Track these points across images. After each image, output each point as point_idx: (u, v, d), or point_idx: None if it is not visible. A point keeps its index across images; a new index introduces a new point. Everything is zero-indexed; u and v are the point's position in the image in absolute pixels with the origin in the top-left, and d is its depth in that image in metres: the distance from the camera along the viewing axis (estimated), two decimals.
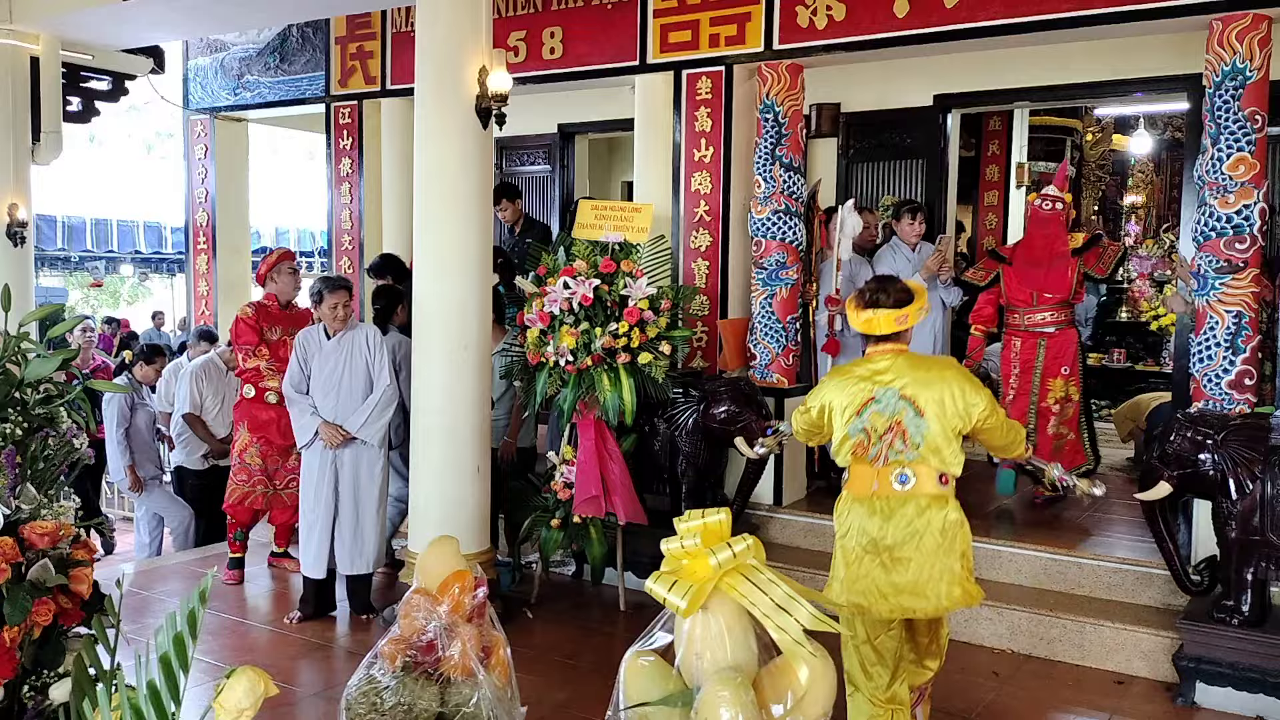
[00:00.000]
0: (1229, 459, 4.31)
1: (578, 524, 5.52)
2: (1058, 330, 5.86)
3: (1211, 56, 4.79)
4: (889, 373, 3.43)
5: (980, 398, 3.39)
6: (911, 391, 3.37)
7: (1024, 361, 5.90)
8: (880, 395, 3.40)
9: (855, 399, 3.44)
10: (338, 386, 5.27)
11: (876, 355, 3.49)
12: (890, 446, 3.36)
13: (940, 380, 3.38)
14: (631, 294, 5.34)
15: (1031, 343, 5.89)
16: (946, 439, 3.36)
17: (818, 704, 1.93)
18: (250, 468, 5.97)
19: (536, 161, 9.25)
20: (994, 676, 4.69)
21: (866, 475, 3.42)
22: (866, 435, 3.41)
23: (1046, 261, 5.86)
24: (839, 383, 3.53)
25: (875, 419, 3.39)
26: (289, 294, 6.09)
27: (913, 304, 3.43)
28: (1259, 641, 4.25)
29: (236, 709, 1.50)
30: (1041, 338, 5.87)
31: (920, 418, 3.35)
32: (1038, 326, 5.88)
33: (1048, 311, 5.85)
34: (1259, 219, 4.69)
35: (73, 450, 2.43)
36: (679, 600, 2.00)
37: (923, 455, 3.35)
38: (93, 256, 12.93)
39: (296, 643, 5.16)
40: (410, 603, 2.18)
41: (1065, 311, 5.88)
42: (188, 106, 9.02)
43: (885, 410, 3.39)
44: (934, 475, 3.36)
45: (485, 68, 5.07)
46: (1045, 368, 5.87)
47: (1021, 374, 5.91)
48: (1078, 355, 5.94)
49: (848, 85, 7.41)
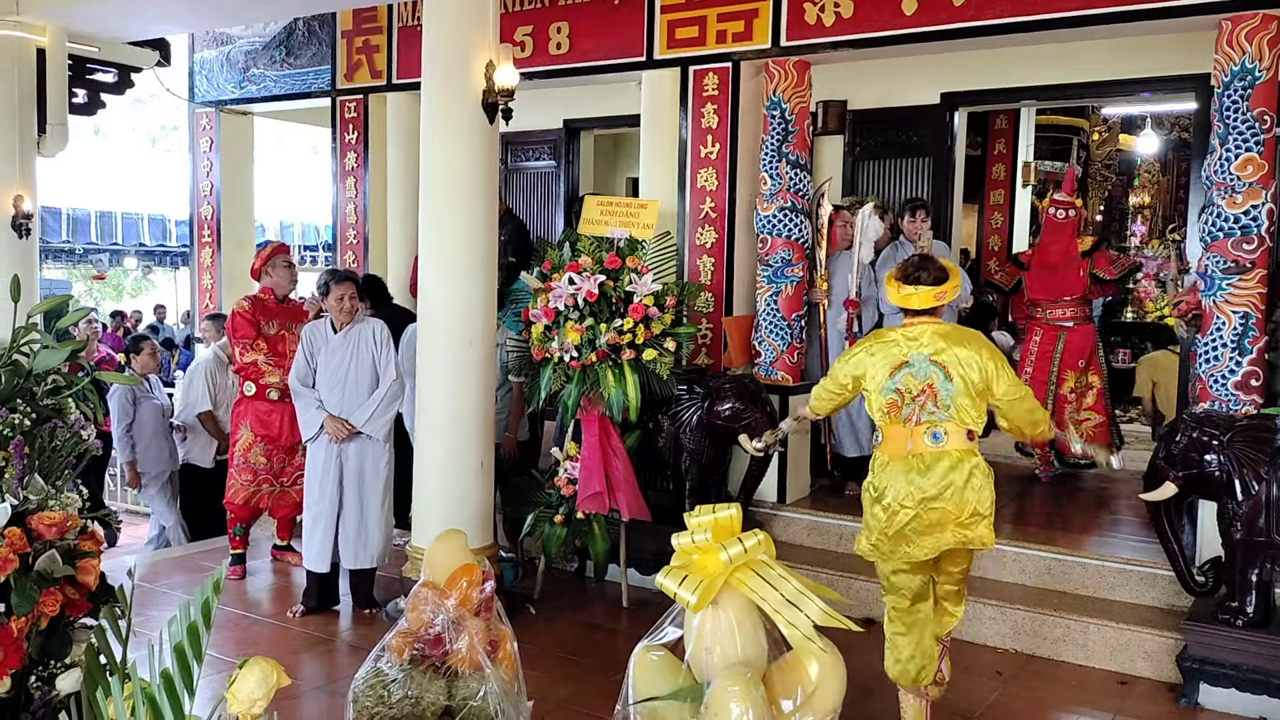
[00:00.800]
0: (1235, 460, 4.31)
1: (581, 520, 5.52)
2: (1076, 325, 6.41)
3: (1220, 56, 4.78)
4: (922, 339, 3.67)
5: (1005, 373, 3.63)
6: (943, 358, 3.61)
7: (1042, 352, 6.40)
8: (913, 359, 3.64)
9: (889, 363, 3.68)
10: (344, 381, 5.27)
11: (910, 325, 3.74)
12: (923, 408, 3.61)
13: (971, 350, 3.63)
14: (637, 290, 5.33)
15: (1051, 335, 6.43)
16: (972, 401, 3.60)
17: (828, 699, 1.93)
18: (255, 467, 5.93)
19: (542, 157, 9.24)
20: (997, 676, 4.69)
21: (901, 435, 3.65)
22: (900, 395, 3.65)
23: (1062, 265, 6.36)
24: (872, 347, 3.77)
25: (909, 380, 3.64)
26: (285, 287, 6.06)
27: (949, 281, 3.68)
28: (1263, 643, 4.25)
29: (249, 699, 1.50)
30: (1061, 331, 6.41)
31: (950, 382, 3.59)
32: (1057, 321, 6.43)
33: (1067, 308, 6.41)
34: (1267, 219, 4.68)
35: (80, 441, 2.43)
36: (690, 595, 2.00)
37: (952, 415, 3.60)
38: (97, 249, 12.92)
39: (300, 637, 5.16)
40: (418, 596, 2.18)
41: (1083, 309, 6.41)
42: (193, 99, 9.02)
43: (918, 374, 3.63)
44: (962, 432, 3.60)
45: (492, 62, 5.06)
46: (1063, 359, 6.38)
47: (1039, 363, 6.39)
48: (1095, 348, 6.44)
49: (854, 82, 7.40)
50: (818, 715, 1.90)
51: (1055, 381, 6.30)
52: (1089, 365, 6.38)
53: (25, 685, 2.17)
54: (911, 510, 3.59)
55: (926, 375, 3.61)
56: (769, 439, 4.60)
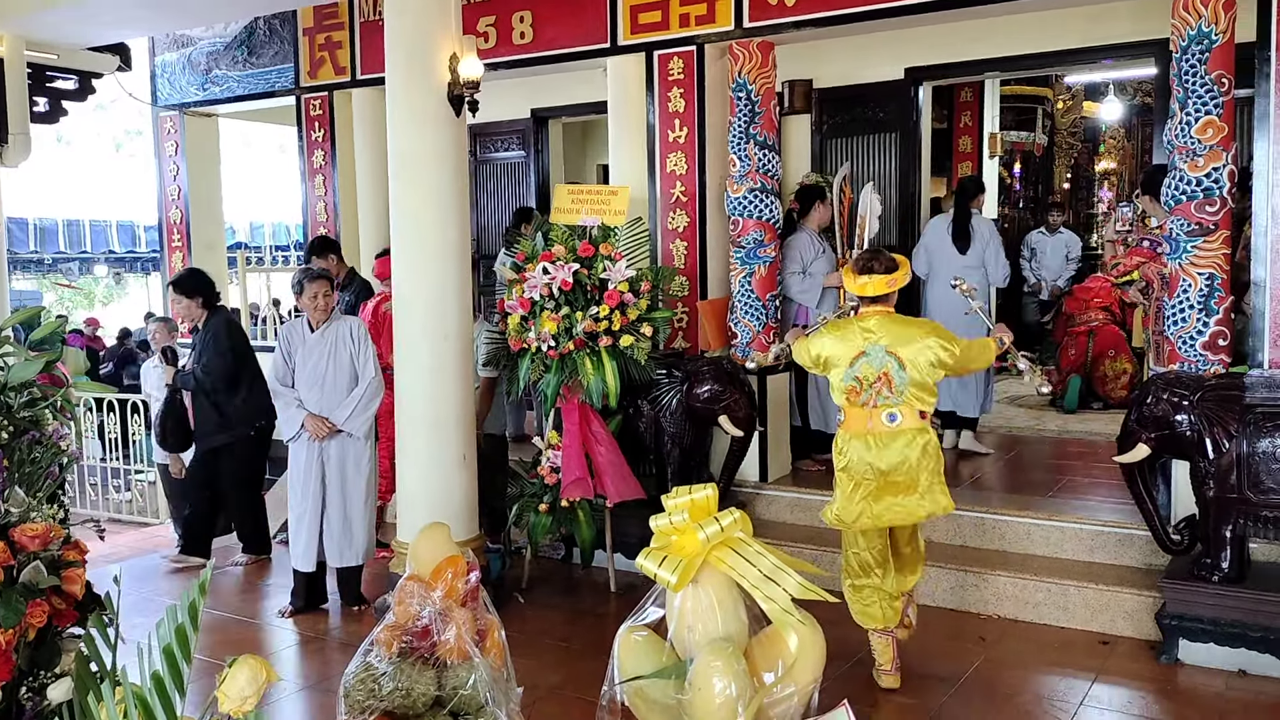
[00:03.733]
0: (1205, 419, 4.38)
1: (565, 508, 5.54)
2: (1101, 324, 8.29)
3: (1178, 21, 4.82)
4: (877, 331, 4.05)
5: (953, 344, 4.03)
6: (895, 348, 4.00)
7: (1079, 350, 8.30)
8: (870, 350, 4.02)
9: (849, 353, 4.06)
10: (322, 379, 5.28)
11: (868, 314, 4.12)
12: (879, 394, 4.01)
13: (920, 339, 4.02)
14: (611, 277, 5.35)
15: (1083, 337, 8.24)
16: (923, 384, 4.01)
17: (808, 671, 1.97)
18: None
19: (510, 147, 9.23)
20: (981, 642, 4.76)
21: (860, 415, 4.07)
22: (858, 383, 4.03)
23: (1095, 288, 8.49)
24: (836, 337, 4.15)
25: (865, 369, 4.02)
26: None
27: (899, 270, 4.09)
28: (1239, 597, 4.33)
29: (239, 696, 1.52)
30: (1090, 331, 8.28)
31: (903, 370, 3.98)
32: (1087, 323, 8.35)
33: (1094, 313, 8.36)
34: (1228, 181, 4.74)
35: (60, 452, 2.43)
36: (669, 575, 2.04)
37: (905, 399, 4.00)
38: (66, 258, 12.80)
39: (289, 636, 5.17)
40: (404, 589, 2.20)
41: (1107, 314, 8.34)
42: (156, 103, 8.94)
43: (874, 363, 4.01)
44: (915, 412, 4.03)
45: (456, 55, 5.05)
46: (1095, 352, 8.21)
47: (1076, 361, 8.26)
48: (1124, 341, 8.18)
49: (819, 61, 7.42)
50: (799, 686, 1.94)
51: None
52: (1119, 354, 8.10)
53: (16, 697, 2.18)
54: (872, 481, 4.03)
55: (882, 365, 4.00)
56: (775, 351, 4.92)
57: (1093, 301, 8.41)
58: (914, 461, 4.00)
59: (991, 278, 6.78)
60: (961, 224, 6.75)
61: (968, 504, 5.58)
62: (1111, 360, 8.15)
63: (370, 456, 5.39)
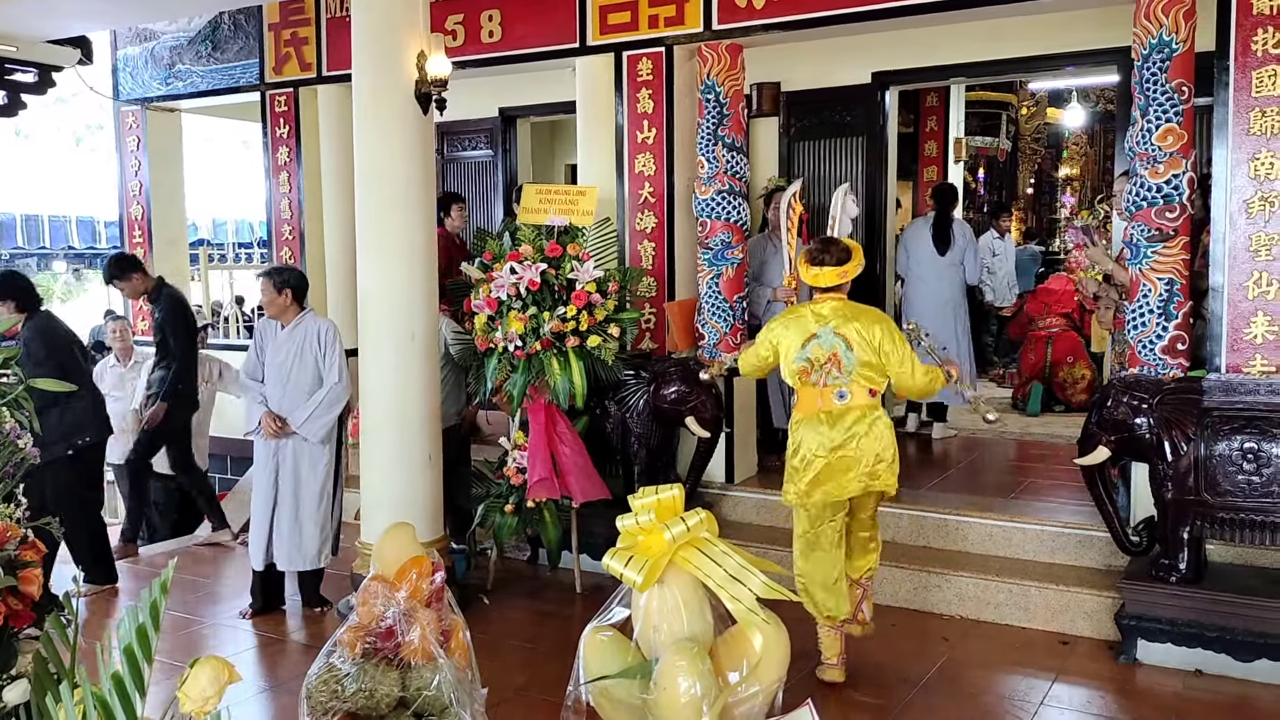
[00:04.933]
0: (1164, 422, 4.45)
1: (531, 508, 5.53)
2: (1060, 330, 8.49)
3: (1139, 30, 4.89)
4: (829, 316, 4.18)
5: (896, 347, 4.14)
6: (843, 330, 4.13)
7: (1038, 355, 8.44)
8: (820, 332, 4.16)
9: (800, 335, 4.19)
10: (286, 378, 5.24)
11: (821, 300, 4.25)
12: (829, 374, 4.14)
13: (868, 325, 4.16)
14: (578, 277, 5.35)
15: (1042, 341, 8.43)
16: (871, 364, 4.13)
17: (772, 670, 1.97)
18: None
19: (478, 146, 9.19)
20: (944, 642, 4.80)
21: (812, 395, 4.19)
22: (810, 364, 4.16)
23: (1058, 292, 8.57)
24: (786, 322, 4.29)
25: (816, 350, 4.15)
26: None
27: (851, 261, 4.22)
28: (1196, 597, 4.40)
29: (201, 697, 1.50)
30: (1049, 337, 8.44)
31: (850, 351, 4.12)
32: (1047, 328, 8.54)
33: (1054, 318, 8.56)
34: (1188, 188, 4.81)
35: (16, 450, 2.39)
36: (635, 575, 2.04)
37: (854, 379, 4.13)
38: (24, 254, 12.59)
39: (249, 638, 5.12)
40: (368, 590, 2.19)
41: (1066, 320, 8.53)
42: (118, 98, 8.81)
43: (824, 344, 4.15)
44: (864, 390, 4.15)
45: (424, 52, 5.03)
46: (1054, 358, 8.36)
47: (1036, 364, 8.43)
48: (1082, 347, 8.39)
49: (788, 64, 7.46)
50: (763, 685, 1.94)
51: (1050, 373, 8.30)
52: (1076, 359, 8.31)
53: None
54: (823, 458, 4.13)
55: (831, 345, 4.13)
56: (715, 369, 5.20)
57: (1054, 306, 8.53)
58: (861, 436, 4.11)
59: (969, 277, 7.38)
60: (943, 228, 7.30)
61: (930, 505, 5.64)
62: (1070, 366, 8.32)
63: (328, 461, 5.31)
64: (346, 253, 7.23)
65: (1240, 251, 4.65)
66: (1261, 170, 4.59)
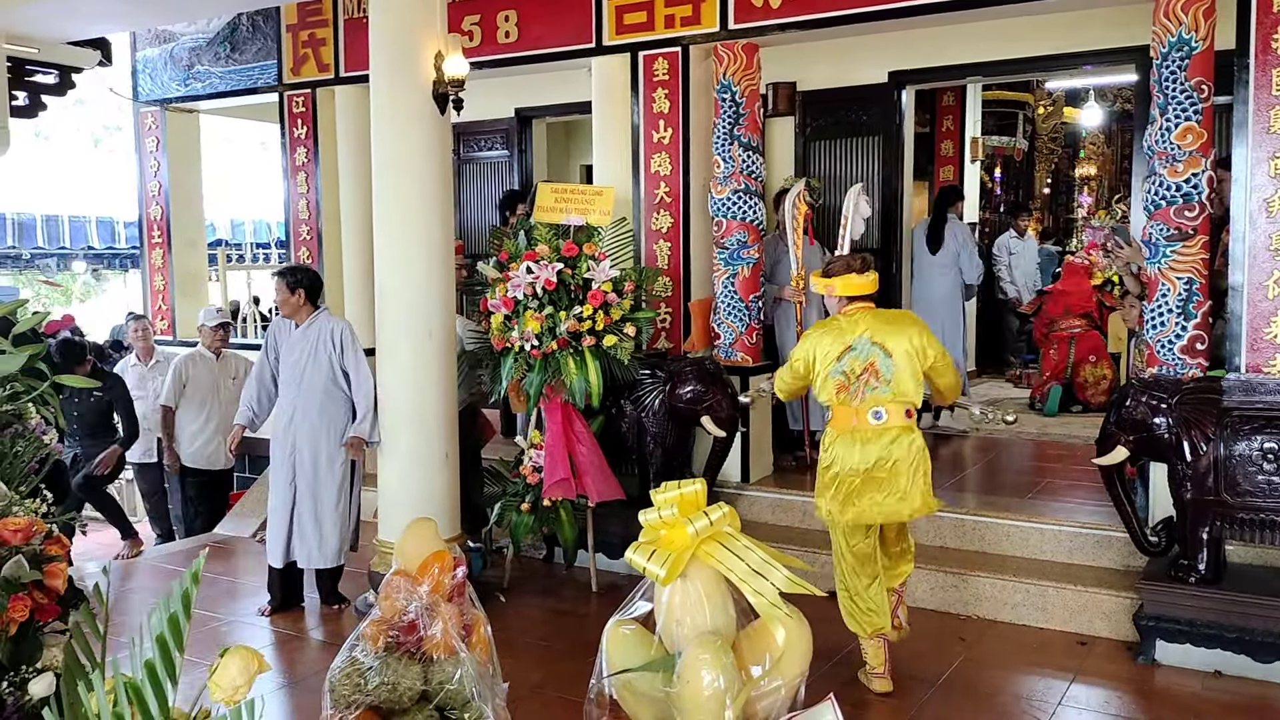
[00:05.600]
0: (1183, 422, 4.42)
1: (547, 507, 5.54)
2: (1082, 331, 8.40)
3: (1158, 28, 4.87)
4: (862, 324, 4.14)
5: (934, 344, 4.14)
6: (880, 337, 4.09)
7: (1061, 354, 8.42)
8: (855, 343, 4.11)
9: (835, 347, 4.14)
10: (300, 379, 5.26)
11: (851, 312, 4.21)
12: (867, 384, 4.06)
13: (903, 329, 4.14)
14: (595, 277, 5.36)
15: (1065, 341, 8.38)
16: (911, 374, 4.07)
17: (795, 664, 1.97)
18: None
19: (494, 146, 9.21)
20: (961, 642, 4.79)
21: (847, 413, 4.11)
22: (846, 377, 4.10)
23: (1075, 293, 8.47)
24: (820, 334, 4.24)
25: (852, 363, 4.09)
26: None
27: (872, 270, 4.28)
28: (1215, 598, 4.38)
29: (231, 686, 1.51)
30: (1071, 337, 8.38)
31: (889, 358, 4.05)
32: (1069, 329, 8.44)
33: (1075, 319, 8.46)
34: (1207, 187, 4.79)
35: (42, 446, 2.41)
36: (658, 569, 2.04)
37: (893, 392, 4.04)
38: (44, 254, 12.69)
39: (267, 635, 5.15)
40: (390, 584, 2.20)
41: (1087, 321, 8.44)
42: (137, 99, 8.87)
43: (860, 355, 4.09)
44: (901, 411, 4.07)
45: (441, 53, 5.05)
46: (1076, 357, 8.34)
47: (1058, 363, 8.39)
48: (1102, 346, 8.35)
49: (804, 64, 7.45)
50: (786, 679, 1.94)
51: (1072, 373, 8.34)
52: (1099, 359, 8.31)
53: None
54: (855, 478, 4.07)
55: (868, 355, 4.08)
56: (753, 393, 5.06)
57: (1074, 307, 8.50)
58: (896, 459, 4.03)
59: (966, 276, 7.49)
60: (936, 227, 7.49)
61: (947, 506, 5.59)
62: (1092, 366, 8.31)
63: (344, 459, 5.32)
64: (364, 253, 7.26)
65: (1260, 250, 4.62)
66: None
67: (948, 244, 7.41)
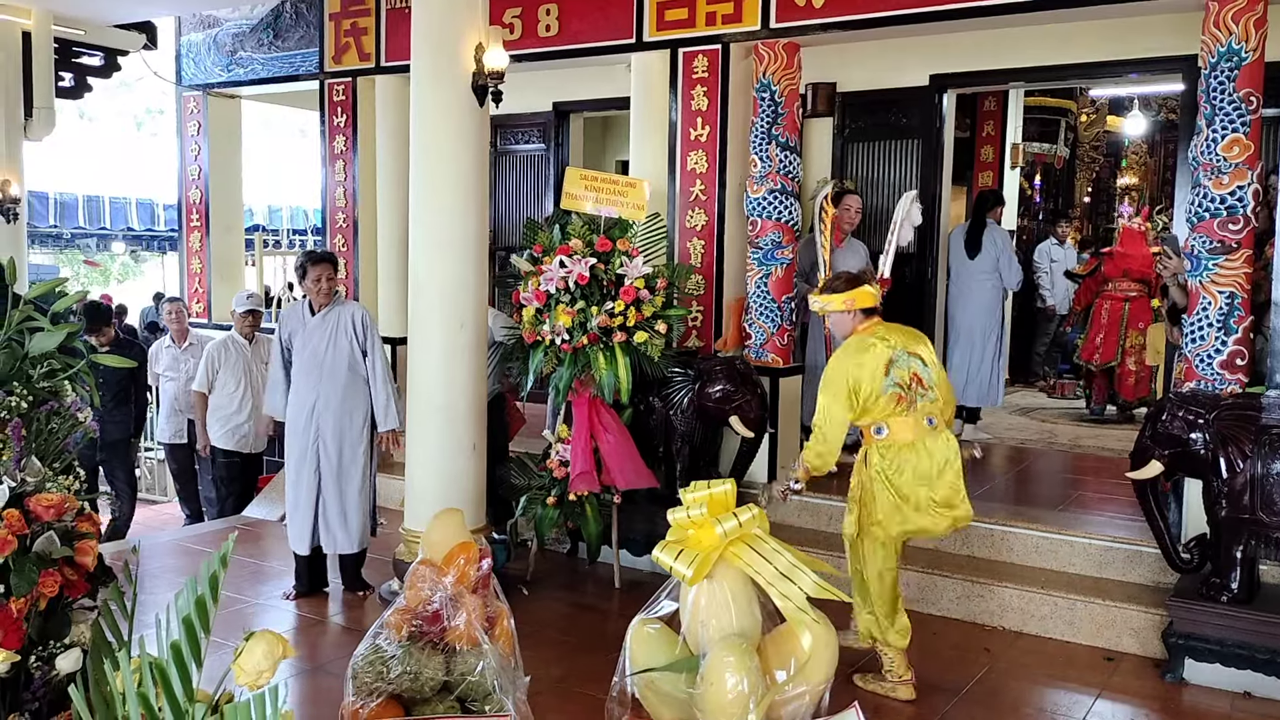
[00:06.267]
0: (1219, 438, 4.35)
1: (573, 502, 5.54)
2: (1138, 296, 8.37)
3: (1207, 37, 4.80)
4: (889, 337, 4.19)
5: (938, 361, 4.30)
6: (911, 348, 4.19)
7: (1113, 315, 8.40)
8: (895, 356, 4.14)
9: (878, 362, 4.12)
10: (320, 365, 5.26)
11: (872, 328, 4.25)
12: (917, 392, 4.13)
13: (920, 339, 4.29)
14: (627, 273, 5.35)
15: (1119, 303, 8.38)
16: (941, 381, 4.24)
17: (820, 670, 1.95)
18: None
19: (531, 140, 9.23)
20: (986, 653, 4.74)
21: (909, 423, 4.13)
22: (901, 387, 4.11)
23: (1136, 256, 8.40)
24: (853, 356, 4.17)
25: (900, 374, 4.12)
26: None
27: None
28: (1247, 618, 4.30)
29: (255, 670, 1.52)
30: (1126, 299, 8.37)
31: (926, 367, 4.18)
32: (1124, 292, 8.40)
33: (1132, 283, 8.40)
34: (1252, 200, 4.71)
35: (77, 424, 2.44)
36: (685, 568, 2.03)
37: (937, 395, 4.17)
38: (85, 234, 12.84)
39: (292, 619, 5.19)
40: (416, 574, 2.20)
41: (1143, 286, 8.36)
42: (180, 83, 8.96)
43: (903, 366, 4.14)
44: (944, 417, 4.21)
45: (481, 45, 5.06)
46: (1129, 321, 8.35)
47: (1110, 324, 8.40)
48: (1151, 317, 8.25)
49: (844, 64, 7.39)
50: (810, 685, 1.92)
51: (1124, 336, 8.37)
52: (1144, 328, 8.30)
53: (26, 665, 2.18)
54: (924, 488, 4.12)
55: (910, 365, 4.14)
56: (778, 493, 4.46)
57: (1133, 270, 8.37)
58: (950, 461, 4.13)
59: (1006, 282, 7.40)
60: (975, 232, 7.38)
61: (977, 514, 5.54)
62: (1139, 332, 8.27)
63: (366, 445, 5.36)
64: (399, 242, 7.29)
65: None
66: None
67: (986, 250, 7.31)
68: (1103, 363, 8.35)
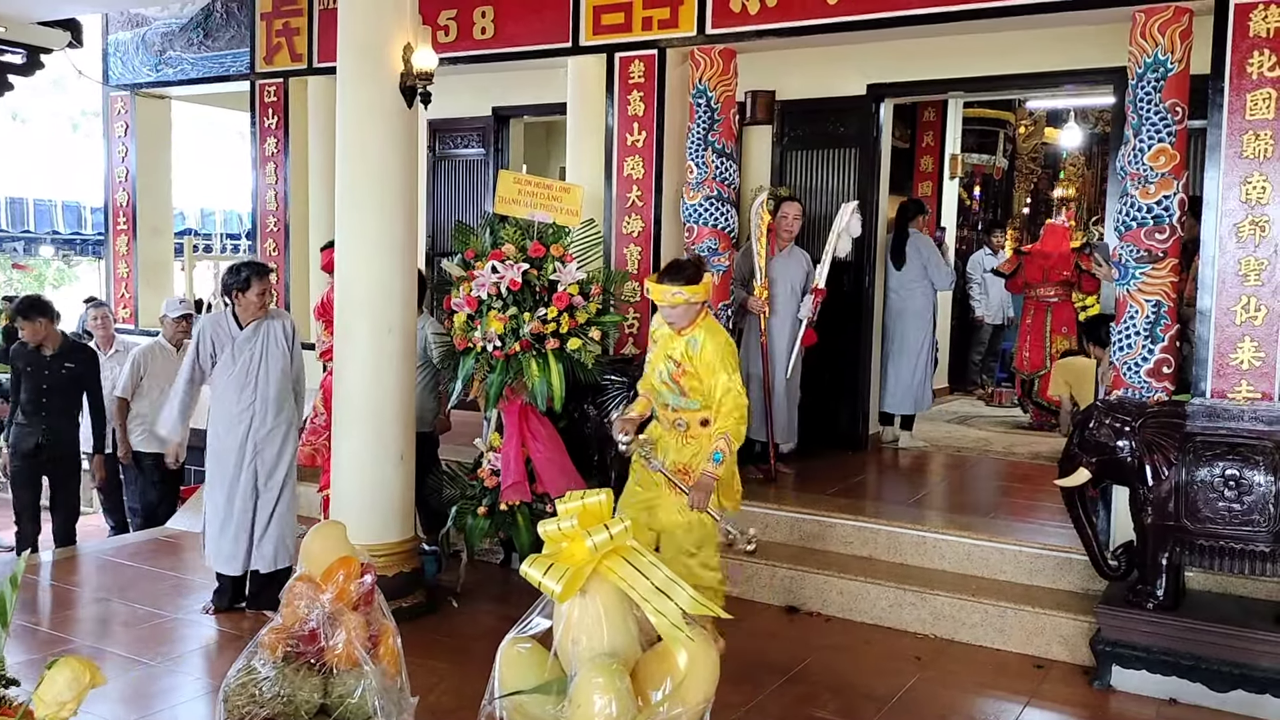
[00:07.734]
0: (1146, 446, 4.37)
1: (505, 511, 5.44)
2: (1059, 301, 8.33)
3: (1135, 49, 4.84)
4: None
5: None
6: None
7: (1037, 321, 8.39)
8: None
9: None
10: (254, 379, 5.07)
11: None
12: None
13: None
14: (561, 279, 5.26)
15: (1042, 308, 8.36)
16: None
17: (698, 689, 1.88)
18: None
19: (470, 144, 9.11)
20: (916, 661, 4.71)
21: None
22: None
23: (1055, 255, 8.33)
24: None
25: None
26: None
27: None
28: (1173, 625, 4.33)
29: (57, 702, 1.40)
30: (1048, 305, 8.33)
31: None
32: (1045, 298, 8.35)
33: (1052, 288, 8.33)
34: (1178, 209, 4.75)
35: None
36: (554, 584, 1.95)
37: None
38: (10, 237, 12.49)
39: (214, 634, 5.02)
40: (292, 590, 2.10)
41: (1065, 290, 8.34)
42: (107, 82, 8.74)
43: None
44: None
45: (410, 45, 4.96)
46: (1053, 326, 8.33)
47: (1034, 329, 8.39)
48: (1074, 319, 8.27)
49: (783, 73, 7.38)
50: (688, 705, 1.85)
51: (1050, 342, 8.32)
52: (1069, 332, 8.26)
53: None
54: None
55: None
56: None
57: (1053, 270, 8.34)
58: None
59: (937, 284, 7.44)
60: (899, 243, 7.44)
61: (909, 522, 5.56)
62: (1064, 337, 8.25)
63: (293, 449, 5.23)
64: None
65: (1229, 275, 4.59)
66: (1253, 194, 4.53)
67: (911, 259, 7.34)
68: (1031, 371, 8.40)
